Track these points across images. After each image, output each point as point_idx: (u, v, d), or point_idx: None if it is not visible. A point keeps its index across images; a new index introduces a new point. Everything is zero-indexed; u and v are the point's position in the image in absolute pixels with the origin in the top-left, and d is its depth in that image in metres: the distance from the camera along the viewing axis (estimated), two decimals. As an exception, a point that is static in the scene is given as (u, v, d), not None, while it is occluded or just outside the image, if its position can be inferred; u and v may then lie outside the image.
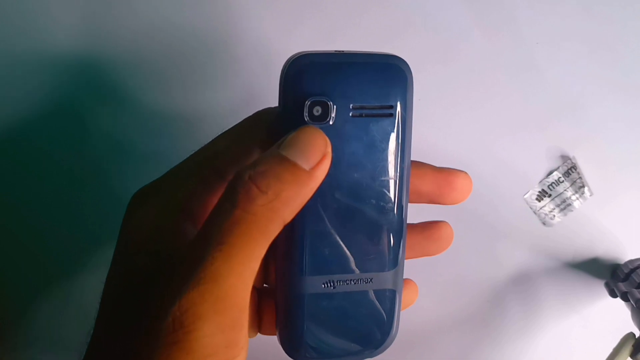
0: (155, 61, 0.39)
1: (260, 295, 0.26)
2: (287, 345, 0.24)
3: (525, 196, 0.41)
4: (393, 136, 0.22)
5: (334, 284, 0.23)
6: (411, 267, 0.41)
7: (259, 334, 0.26)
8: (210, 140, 0.24)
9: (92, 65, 0.39)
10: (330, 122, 0.21)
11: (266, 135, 0.23)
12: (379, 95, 0.22)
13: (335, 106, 0.21)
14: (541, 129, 0.41)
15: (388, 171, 0.23)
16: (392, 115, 0.22)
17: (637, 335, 0.34)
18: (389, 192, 0.23)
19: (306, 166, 0.19)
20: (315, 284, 0.23)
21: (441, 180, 0.26)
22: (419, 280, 0.40)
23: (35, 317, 0.40)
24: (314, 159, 0.20)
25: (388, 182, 0.23)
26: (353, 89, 0.22)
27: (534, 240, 0.41)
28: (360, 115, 0.22)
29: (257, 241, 0.19)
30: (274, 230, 0.19)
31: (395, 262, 0.24)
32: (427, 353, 0.41)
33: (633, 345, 0.34)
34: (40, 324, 0.40)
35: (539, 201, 0.41)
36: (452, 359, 0.42)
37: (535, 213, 0.41)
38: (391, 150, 0.23)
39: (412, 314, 0.41)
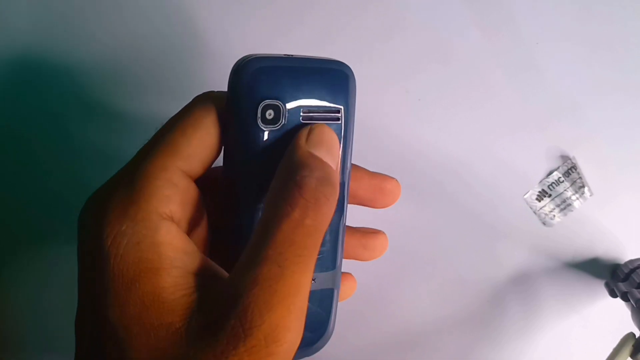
0: (132, 68, 0.39)
1: None
2: None
3: (525, 196, 0.41)
4: (342, 139, 0.23)
5: None
6: (412, 265, 0.41)
7: None
8: (159, 134, 0.22)
9: (67, 70, 0.39)
10: (282, 125, 0.22)
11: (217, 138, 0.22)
12: (327, 100, 0.23)
13: (287, 110, 0.22)
14: (541, 128, 0.41)
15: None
16: (339, 119, 0.23)
17: (637, 335, 0.34)
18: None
19: (334, 166, 0.21)
20: None
21: (374, 185, 0.26)
22: (419, 280, 0.41)
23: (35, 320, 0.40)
24: (337, 158, 0.21)
25: None
26: (304, 92, 0.22)
27: (534, 240, 0.41)
28: (310, 119, 0.22)
29: (319, 245, 0.19)
30: (324, 231, 0.20)
31: (334, 263, 0.24)
32: (427, 353, 0.41)
33: (633, 345, 0.34)
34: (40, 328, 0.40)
35: (539, 201, 0.41)
36: (452, 359, 0.42)
37: (535, 213, 0.41)
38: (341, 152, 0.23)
39: (412, 314, 0.41)
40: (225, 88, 0.22)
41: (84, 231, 0.20)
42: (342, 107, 0.23)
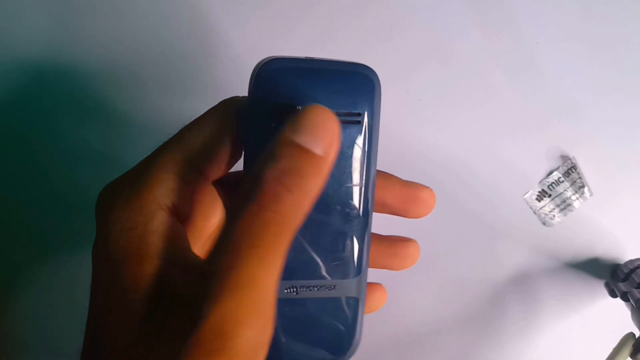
0: (132, 68, 0.39)
1: None
2: None
3: (525, 196, 0.41)
4: (360, 144, 0.23)
5: (297, 290, 0.23)
6: (412, 267, 0.41)
7: None
8: (178, 132, 0.23)
9: (66, 71, 0.39)
10: None
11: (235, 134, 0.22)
12: (347, 103, 0.22)
13: None
14: (541, 128, 0.41)
15: (354, 179, 0.23)
16: (360, 122, 0.22)
17: (637, 335, 0.34)
18: (354, 199, 0.23)
19: (321, 152, 0.18)
20: (278, 289, 0.22)
21: (406, 194, 0.26)
22: (418, 280, 0.41)
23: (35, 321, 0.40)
24: (328, 143, 0.19)
25: (354, 189, 0.23)
26: (322, 95, 0.22)
27: (534, 240, 0.41)
28: None
29: (286, 239, 0.18)
30: (299, 224, 0.19)
31: (359, 270, 0.24)
32: (427, 353, 0.41)
33: (633, 345, 0.34)
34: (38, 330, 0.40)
35: (539, 201, 0.41)
36: (452, 359, 0.42)
37: (535, 213, 0.41)
38: (358, 158, 0.23)
39: (412, 314, 0.41)
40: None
41: (95, 216, 0.21)
42: (361, 110, 0.22)
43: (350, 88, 0.22)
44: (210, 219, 0.23)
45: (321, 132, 0.18)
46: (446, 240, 0.41)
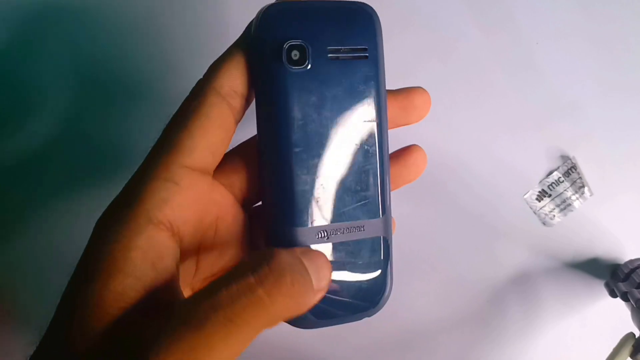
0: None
1: None
2: None
3: (525, 196, 0.41)
4: (370, 78, 0.23)
5: (327, 234, 0.22)
6: (412, 266, 0.41)
7: None
8: (164, 133, 0.22)
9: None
10: (308, 66, 0.21)
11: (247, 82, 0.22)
12: (353, 38, 0.22)
13: (312, 50, 0.21)
14: (541, 128, 0.41)
15: (369, 113, 0.23)
16: (367, 57, 0.22)
17: (637, 335, 0.34)
18: (372, 134, 0.23)
19: (316, 285, 0.19)
20: (310, 235, 0.22)
21: (401, 100, 0.25)
22: (419, 280, 0.41)
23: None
24: (323, 284, 0.19)
25: (370, 124, 0.23)
26: (328, 32, 0.22)
27: (534, 240, 0.41)
28: (337, 58, 0.22)
29: (264, 326, 0.17)
30: (280, 321, 0.18)
31: (384, 208, 0.23)
32: (427, 353, 0.41)
33: (633, 345, 0.34)
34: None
35: (539, 201, 0.41)
36: (452, 358, 0.42)
37: (535, 213, 0.41)
38: (370, 92, 0.23)
39: (412, 314, 0.41)
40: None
41: (94, 228, 0.21)
42: (367, 45, 0.22)
43: (354, 24, 0.22)
44: (207, 217, 0.22)
45: (322, 275, 0.19)
46: (446, 240, 0.41)
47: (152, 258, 0.19)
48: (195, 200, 0.21)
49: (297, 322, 0.22)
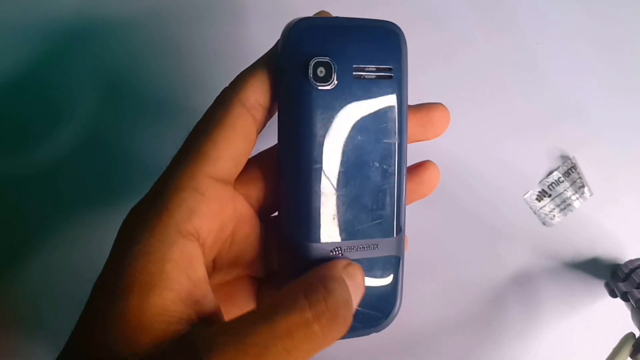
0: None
1: (259, 286, 0.26)
2: None
3: (525, 196, 0.41)
4: (393, 98, 0.23)
5: (342, 251, 0.22)
6: (411, 266, 0.41)
7: None
8: (188, 141, 0.22)
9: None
10: (334, 84, 0.21)
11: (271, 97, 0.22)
12: (378, 58, 0.22)
13: (337, 67, 0.21)
14: (541, 129, 0.41)
15: (390, 133, 0.23)
16: (392, 77, 0.23)
17: (637, 335, 0.34)
18: (392, 155, 0.23)
19: (350, 310, 0.19)
20: (324, 251, 0.22)
21: (421, 117, 0.25)
22: (419, 280, 0.41)
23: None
24: (354, 306, 0.20)
25: (390, 144, 0.23)
26: (354, 51, 0.22)
27: (534, 240, 0.41)
28: (361, 77, 0.22)
29: (313, 351, 0.18)
30: (329, 344, 0.19)
31: (399, 228, 0.24)
32: (427, 353, 0.41)
33: (633, 345, 0.34)
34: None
35: (539, 201, 0.41)
36: (453, 359, 0.42)
37: (535, 213, 0.41)
38: (392, 113, 0.23)
39: (413, 315, 0.41)
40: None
41: (115, 241, 0.20)
42: (392, 65, 0.22)
43: (380, 43, 0.23)
44: (227, 227, 0.23)
45: (358, 292, 0.20)
46: (447, 241, 0.41)
47: (186, 269, 0.19)
48: (218, 210, 0.21)
49: None
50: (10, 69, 0.38)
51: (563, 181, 0.41)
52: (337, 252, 0.22)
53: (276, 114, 0.23)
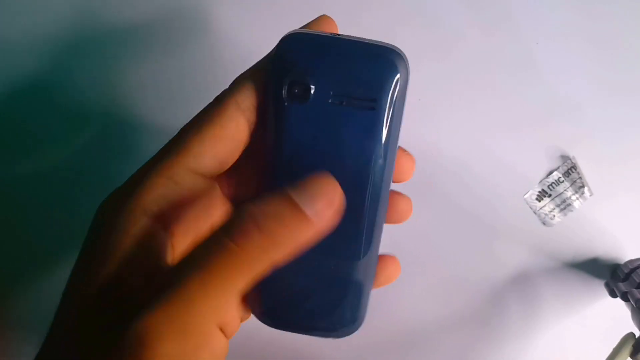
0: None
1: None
2: (255, 307, 0.24)
3: (525, 196, 0.41)
4: (370, 129, 0.22)
5: (303, 265, 0.22)
6: (411, 266, 0.41)
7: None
8: (177, 134, 0.23)
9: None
10: (308, 105, 0.21)
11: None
12: (362, 87, 0.21)
13: (314, 89, 0.21)
14: (541, 128, 0.41)
15: (362, 158, 0.22)
16: (374, 109, 0.21)
17: (637, 335, 0.34)
18: (359, 178, 0.22)
19: (311, 214, 0.19)
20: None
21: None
22: (419, 280, 0.41)
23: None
24: (321, 208, 0.19)
25: (362, 174, 0.22)
26: (336, 75, 0.21)
27: (534, 240, 0.41)
28: (340, 103, 0.21)
29: (241, 275, 0.18)
30: (261, 268, 0.19)
31: (366, 251, 0.23)
32: (427, 353, 0.41)
33: (633, 345, 0.34)
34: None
35: (539, 201, 0.41)
36: (452, 358, 0.42)
37: (535, 213, 0.41)
38: (369, 145, 0.22)
39: (411, 314, 0.41)
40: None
41: (92, 220, 0.22)
42: (378, 96, 0.21)
43: (369, 71, 0.21)
44: (204, 220, 0.23)
45: (317, 196, 0.19)
46: (446, 240, 0.41)
47: (145, 245, 0.20)
48: (192, 201, 0.22)
49: (262, 317, 0.23)
50: (11, 71, 0.39)
51: (563, 181, 0.41)
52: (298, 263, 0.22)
53: None
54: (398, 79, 0.22)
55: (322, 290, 0.23)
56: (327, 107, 0.21)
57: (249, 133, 0.22)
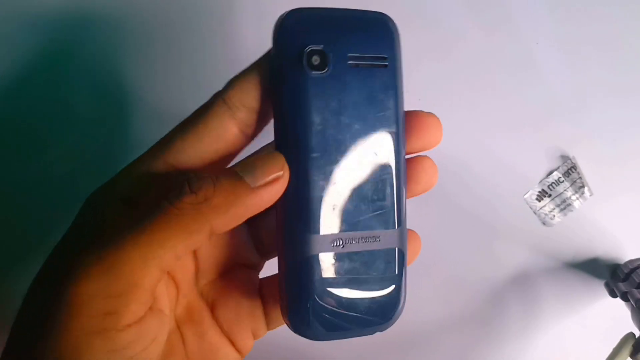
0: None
1: (262, 289, 0.26)
2: (295, 319, 0.22)
3: (525, 196, 0.41)
4: (389, 87, 0.22)
5: (343, 243, 0.22)
6: (412, 266, 0.41)
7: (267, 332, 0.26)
8: (167, 134, 0.23)
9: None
10: (328, 72, 0.21)
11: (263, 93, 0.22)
12: (373, 47, 0.22)
13: (332, 56, 0.21)
14: (541, 128, 0.41)
15: (387, 122, 0.22)
16: (387, 66, 0.22)
17: (637, 335, 0.34)
18: (389, 144, 0.23)
19: (251, 182, 0.20)
20: (325, 242, 0.21)
21: (411, 126, 0.24)
22: (419, 280, 0.40)
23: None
24: (262, 178, 0.20)
25: (387, 133, 0.22)
26: (348, 39, 0.22)
27: (534, 240, 0.41)
28: (357, 65, 0.22)
29: (176, 235, 0.19)
30: (197, 231, 0.19)
31: (399, 220, 0.23)
32: (427, 353, 0.41)
33: (633, 345, 0.34)
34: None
35: (539, 201, 0.41)
36: (452, 358, 0.42)
37: (535, 213, 0.41)
38: (389, 101, 0.22)
39: (411, 314, 0.41)
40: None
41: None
42: (387, 54, 0.22)
43: (374, 33, 0.22)
44: None
45: (259, 167, 0.20)
46: (446, 240, 0.41)
47: (113, 224, 0.21)
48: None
49: (305, 333, 0.22)
50: (12, 70, 0.39)
51: (563, 181, 0.41)
52: (338, 244, 0.22)
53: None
54: (398, 37, 0.23)
55: (367, 272, 0.23)
56: (346, 71, 0.22)
57: (240, 131, 0.22)
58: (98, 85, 0.39)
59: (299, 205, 0.21)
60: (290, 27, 0.21)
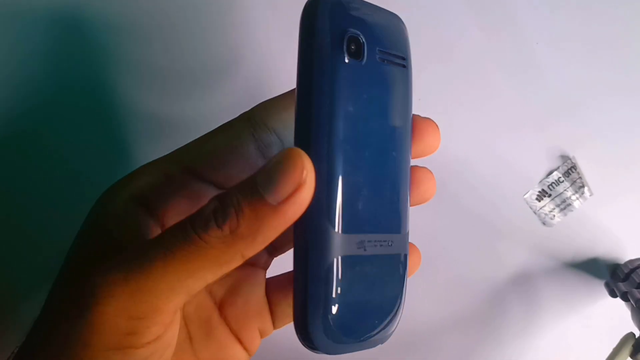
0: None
1: (269, 288, 0.26)
2: (312, 327, 0.19)
3: (525, 196, 0.41)
4: (406, 87, 0.22)
5: (365, 246, 0.20)
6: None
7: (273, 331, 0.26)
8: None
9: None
10: (364, 61, 0.20)
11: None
12: (395, 45, 0.22)
13: (367, 45, 0.21)
14: (541, 128, 0.41)
15: (404, 123, 0.22)
16: (406, 67, 0.22)
17: (637, 335, 0.34)
18: (404, 145, 0.22)
19: (272, 200, 0.18)
20: (350, 243, 0.20)
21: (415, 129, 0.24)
22: (418, 280, 0.41)
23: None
24: (284, 192, 0.18)
25: (404, 134, 0.22)
26: (379, 33, 0.21)
27: (534, 240, 0.41)
28: (384, 61, 0.21)
29: (206, 267, 0.18)
30: (229, 261, 0.18)
31: (406, 223, 0.22)
32: (427, 353, 0.41)
33: (633, 345, 0.34)
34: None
35: (539, 201, 0.41)
36: (452, 359, 0.42)
37: (535, 213, 0.41)
38: (406, 102, 0.22)
39: (411, 314, 0.41)
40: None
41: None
42: (406, 55, 0.22)
43: (394, 32, 0.22)
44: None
45: (278, 179, 0.17)
46: (446, 240, 0.41)
47: (126, 224, 0.22)
48: (178, 193, 0.23)
49: (318, 346, 0.20)
50: (8, 69, 0.39)
51: (563, 181, 0.41)
52: (361, 247, 0.20)
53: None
54: (409, 40, 0.23)
55: (382, 278, 0.21)
56: (375, 64, 0.21)
57: (256, 148, 0.23)
58: (98, 85, 0.39)
59: (326, 198, 0.19)
60: (329, 10, 0.20)
